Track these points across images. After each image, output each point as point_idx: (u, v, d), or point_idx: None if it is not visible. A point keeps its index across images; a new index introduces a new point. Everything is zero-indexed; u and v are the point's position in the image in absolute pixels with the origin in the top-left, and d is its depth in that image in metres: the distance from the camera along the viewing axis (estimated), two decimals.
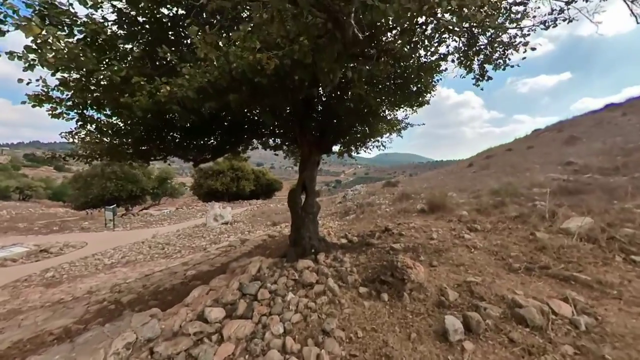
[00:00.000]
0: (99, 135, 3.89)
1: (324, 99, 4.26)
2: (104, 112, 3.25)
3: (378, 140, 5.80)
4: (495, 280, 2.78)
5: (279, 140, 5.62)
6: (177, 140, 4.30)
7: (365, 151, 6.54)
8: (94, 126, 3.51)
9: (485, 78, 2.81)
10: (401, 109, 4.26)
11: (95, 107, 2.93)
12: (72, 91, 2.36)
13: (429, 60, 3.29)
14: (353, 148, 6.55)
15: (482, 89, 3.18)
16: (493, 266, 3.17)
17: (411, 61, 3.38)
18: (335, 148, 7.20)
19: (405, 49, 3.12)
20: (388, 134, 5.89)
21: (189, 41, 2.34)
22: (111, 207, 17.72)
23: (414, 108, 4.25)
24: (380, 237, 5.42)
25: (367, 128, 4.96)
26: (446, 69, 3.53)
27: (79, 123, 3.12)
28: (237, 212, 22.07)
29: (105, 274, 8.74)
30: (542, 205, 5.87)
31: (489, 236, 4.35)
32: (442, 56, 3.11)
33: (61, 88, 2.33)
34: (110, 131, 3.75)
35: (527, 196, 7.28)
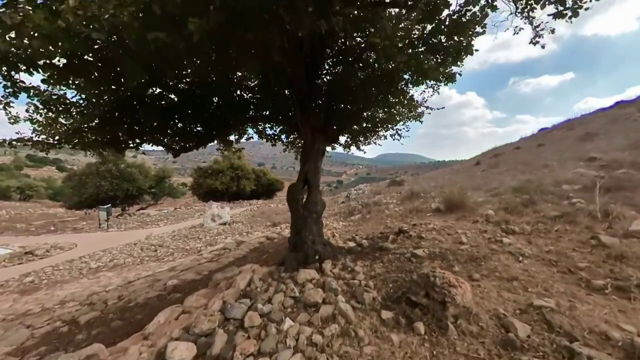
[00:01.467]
0: (50, 115, 3.13)
1: (330, 66, 3.47)
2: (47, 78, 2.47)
3: (392, 128, 4.99)
4: (575, 305, 1.98)
5: (276, 127, 4.83)
6: (152, 123, 3.52)
7: (376, 142, 5.74)
8: (36, 99, 2.74)
9: (571, 13, 1.99)
10: (428, 82, 3.47)
11: (25, 67, 2.15)
12: None
13: (471, 12, 2.50)
14: (362, 139, 5.76)
15: (543, 47, 2.39)
16: (560, 282, 2.36)
17: (446, 13, 2.58)
18: (341, 141, 6.43)
19: None
20: (403, 122, 5.09)
21: None
22: (105, 207, 17.03)
23: (443, 82, 3.45)
24: (396, 241, 4.62)
25: (382, 109, 4.17)
26: (485, 24, 2.73)
27: (8, 90, 2.34)
28: (237, 212, 21.36)
29: (88, 279, 8.00)
30: (582, 204, 5.06)
31: (534, 240, 3.54)
32: (489, 1, 2.33)
33: None
34: (60, 107, 2.98)
35: (557, 193, 6.45)
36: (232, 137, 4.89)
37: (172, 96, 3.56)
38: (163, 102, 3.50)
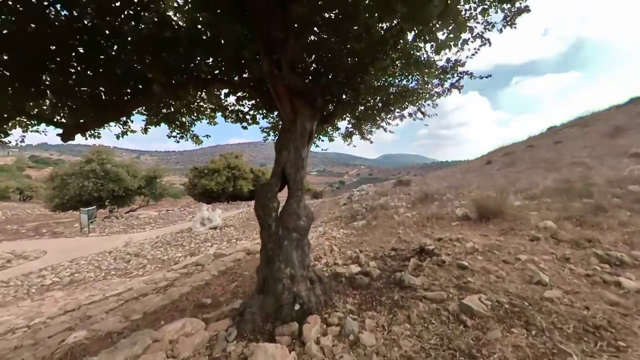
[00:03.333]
0: None
1: None
2: None
3: (414, 103, 3.46)
4: None
5: (245, 101, 3.30)
6: (12, 79, 2.02)
7: (387, 127, 4.19)
8: None
9: None
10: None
11: None
12: None
13: None
14: (371, 123, 4.24)
15: None
16: None
17: None
18: (339, 126, 4.93)
19: None
20: (429, 98, 3.55)
21: None
22: (87, 209, 15.67)
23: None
24: (421, 269, 3.07)
25: (404, 73, 2.63)
26: None
27: None
28: (231, 214, 19.96)
29: (32, 301, 6.55)
30: None
31: None
32: None
33: None
34: None
35: (625, 197, 4.88)
36: (182, 113, 3.39)
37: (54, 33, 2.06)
38: (36, 41, 1.99)
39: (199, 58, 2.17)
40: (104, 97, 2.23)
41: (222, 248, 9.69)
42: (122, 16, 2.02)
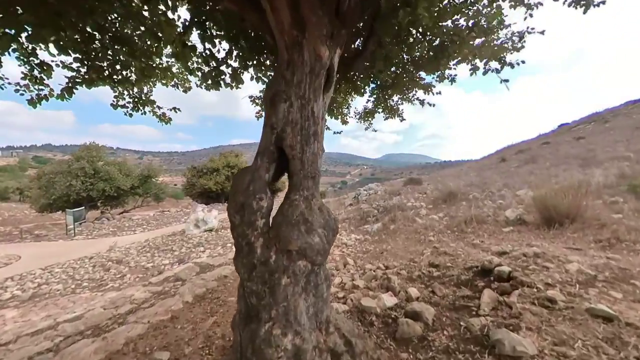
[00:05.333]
0: None
1: None
2: None
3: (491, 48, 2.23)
4: None
5: (209, 25, 2.07)
6: None
7: (423, 101, 2.96)
8: None
9: None
10: None
11: None
12: None
13: None
14: (401, 96, 3.03)
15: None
16: None
17: None
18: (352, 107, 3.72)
19: None
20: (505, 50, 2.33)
21: None
22: (73, 210, 14.55)
23: None
24: (508, 310, 1.84)
25: None
26: None
27: None
28: None
29: None
30: None
31: None
32: None
33: None
34: None
35: None
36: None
37: None
38: None
39: None
40: None
41: (215, 255, 8.46)
42: None
